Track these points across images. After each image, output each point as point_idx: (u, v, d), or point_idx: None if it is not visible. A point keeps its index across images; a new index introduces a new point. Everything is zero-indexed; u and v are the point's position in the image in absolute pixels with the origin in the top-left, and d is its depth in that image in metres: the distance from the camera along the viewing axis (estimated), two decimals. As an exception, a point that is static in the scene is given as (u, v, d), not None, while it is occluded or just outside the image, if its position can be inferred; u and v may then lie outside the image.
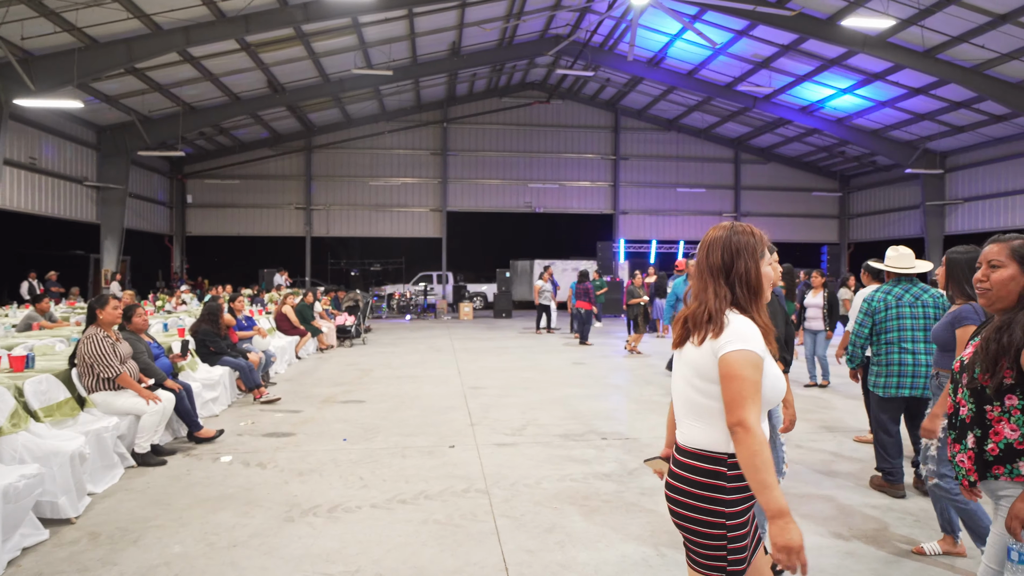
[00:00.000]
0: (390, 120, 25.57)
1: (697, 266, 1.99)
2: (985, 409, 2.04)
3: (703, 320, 1.88)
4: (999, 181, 21.57)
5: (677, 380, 1.98)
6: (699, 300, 1.93)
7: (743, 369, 1.78)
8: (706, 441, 1.86)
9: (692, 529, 1.85)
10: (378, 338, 14.49)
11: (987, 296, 2.13)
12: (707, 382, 1.85)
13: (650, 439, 5.68)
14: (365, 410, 6.96)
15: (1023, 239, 2.14)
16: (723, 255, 1.91)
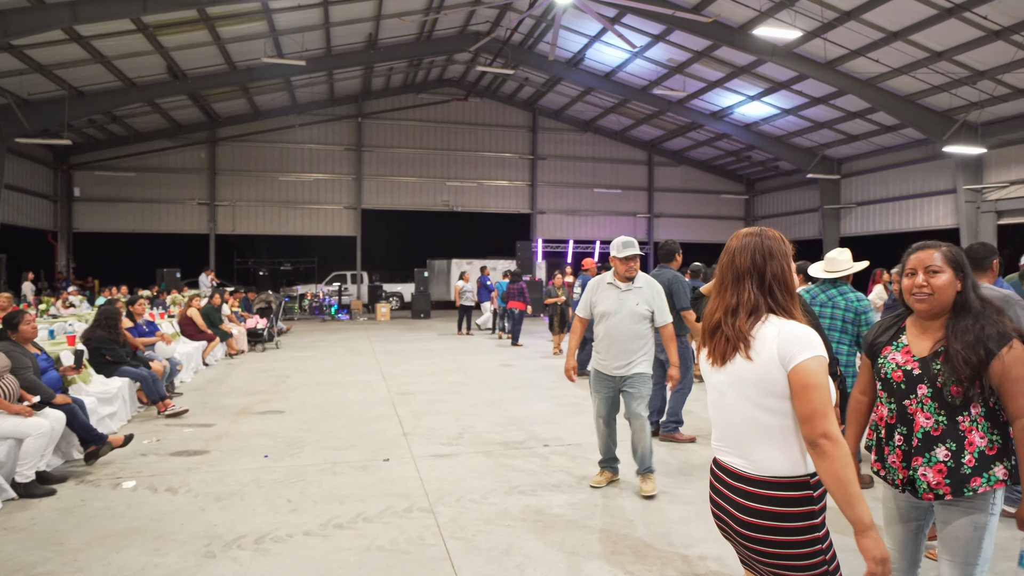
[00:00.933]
0: (302, 113, 24.47)
1: (722, 273, 1.81)
2: (957, 420, 2.03)
3: (745, 332, 1.67)
4: (888, 187, 23.16)
5: (731, 401, 1.78)
6: (729, 309, 1.76)
7: (819, 376, 1.63)
8: (786, 466, 1.68)
9: (788, 565, 1.68)
10: (292, 341, 13.72)
11: (929, 302, 2.10)
12: (778, 399, 1.67)
13: (593, 445, 5.50)
14: (286, 421, 6.43)
15: (949, 245, 2.17)
16: (755, 257, 1.76)
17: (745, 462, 1.74)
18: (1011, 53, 15.49)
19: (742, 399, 1.74)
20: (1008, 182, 19.08)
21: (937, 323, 2.11)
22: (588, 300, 4.47)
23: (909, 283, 2.13)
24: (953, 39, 15.68)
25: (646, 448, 4.37)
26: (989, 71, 16.52)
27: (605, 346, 4.32)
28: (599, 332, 4.35)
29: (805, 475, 1.68)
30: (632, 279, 4.28)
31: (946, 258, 2.10)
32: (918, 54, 16.58)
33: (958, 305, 2.08)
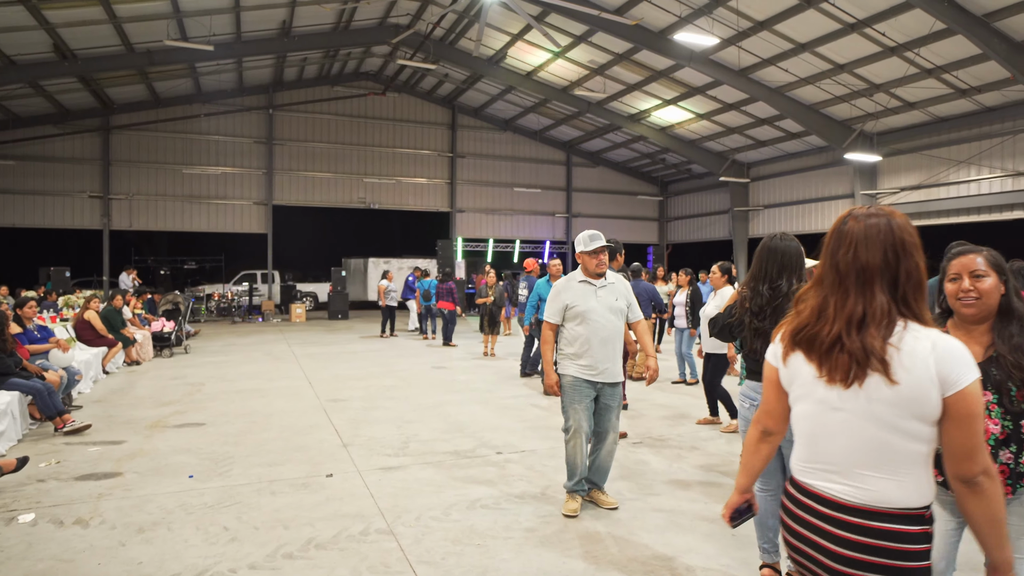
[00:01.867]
0: (207, 103, 22.98)
1: (836, 269, 1.54)
2: (1021, 424, 2.05)
3: (879, 350, 1.45)
4: (792, 191, 24.40)
5: (848, 421, 1.52)
6: (853, 320, 1.49)
7: (981, 404, 1.43)
8: (904, 497, 1.45)
9: None
10: (203, 345, 12.75)
11: (977, 306, 2.05)
12: (923, 423, 1.44)
13: (547, 451, 5.31)
14: (208, 435, 5.84)
15: (988, 249, 2.14)
16: (887, 253, 1.50)
17: (851, 489, 1.50)
18: (904, 68, 16.60)
19: (869, 420, 1.49)
20: (899, 188, 20.51)
21: (982, 328, 2.05)
22: (559, 303, 4.06)
23: (954, 288, 2.05)
24: (854, 53, 16.64)
25: (610, 465, 4.19)
26: (885, 84, 17.66)
27: (586, 350, 3.97)
28: (576, 334, 4.00)
29: (920, 508, 1.48)
30: (603, 274, 4.06)
31: (988, 261, 2.06)
32: (823, 65, 17.49)
33: (1003, 309, 2.04)
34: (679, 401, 7.44)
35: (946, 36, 14.88)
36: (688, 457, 5.21)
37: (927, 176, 19.63)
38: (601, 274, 4.05)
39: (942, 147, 19.17)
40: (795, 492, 1.62)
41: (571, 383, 4.04)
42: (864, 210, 1.58)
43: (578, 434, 4.00)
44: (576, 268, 5.87)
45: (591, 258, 4.03)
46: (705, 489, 4.44)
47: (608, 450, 4.11)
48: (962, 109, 18.08)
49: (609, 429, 4.08)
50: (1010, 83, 16.09)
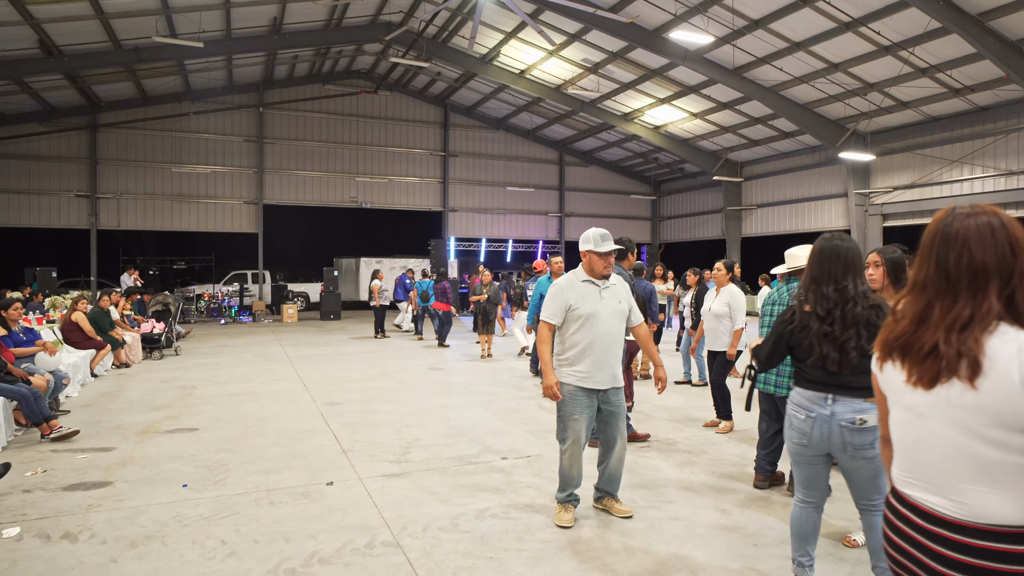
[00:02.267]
0: (196, 100, 22.68)
1: (941, 269, 1.43)
2: None
3: (976, 352, 1.31)
4: (785, 190, 24.40)
5: (936, 429, 1.42)
6: (957, 323, 1.38)
7: None
8: (1010, 514, 1.32)
9: None
10: (193, 347, 12.51)
11: None
12: (1009, 432, 1.32)
13: (553, 457, 5.14)
14: (202, 441, 5.64)
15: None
16: (1003, 252, 1.38)
17: (950, 503, 1.39)
18: (898, 68, 16.60)
19: (956, 428, 1.38)
20: (892, 187, 20.53)
21: None
22: (561, 302, 3.81)
23: None
24: (849, 52, 16.62)
25: (621, 472, 4.02)
26: (878, 83, 17.65)
27: (589, 355, 3.74)
28: (578, 339, 3.76)
29: None
30: (608, 276, 3.89)
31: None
32: (817, 64, 17.46)
33: None
34: (684, 403, 7.32)
35: (940, 35, 14.87)
36: (698, 461, 5.07)
37: (920, 175, 19.65)
38: (607, 276, 3.87)
39: (935, 146, 19.20)
40: (896, 503, 1.52)
41: (570, 393, 3.82)
42: (967, 209, 1.45)
43: (576, 445, 3.83)
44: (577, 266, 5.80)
45: (600, 259, 3.81)
46: (720, 496, 4.31)
47: (618, 457, 3.94)
48: (955, 108, 18.10)
49: (617, 436, 3.90)
50: (1003, 83, 16.11)
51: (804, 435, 2.74)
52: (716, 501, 4.20)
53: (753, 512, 3.99)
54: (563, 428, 3.84)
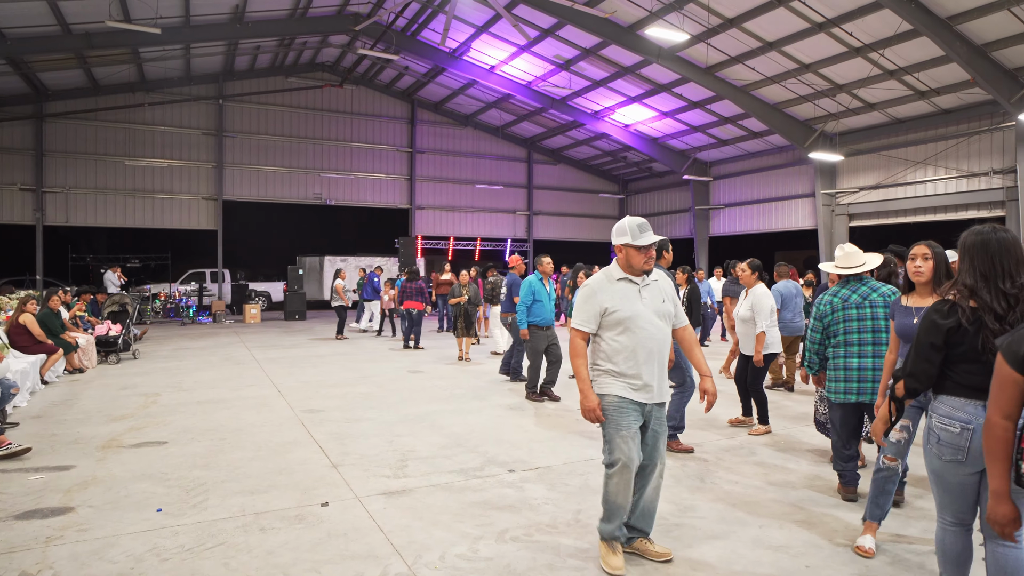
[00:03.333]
0: (152, 91, 21.64)
1: None
2: None
3: None
4: (753, 190, 24.58)
5: None
6: None
7: None
8: None
9: None
10: (152, 350, 11.77)
11: None
12: None
13: (563, 468, 4.81)
14: (173, 456, 5.11)
15: None
16: None
17: None
18: (867, 69, 16.79)
19: None
20: (858, 188, 20.82)
21: None
22: (594, 306, 3.27)
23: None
24: (820, 53, 16.74)
25: (657, 505, 3.47)
26: (847, 85, 17.84)
27: (633, 364, 3.23)
28: (619, 346, 3.24)
29: None
30: (649, 271, 3.41)
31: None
32: (789, 65, 17.56)
33: None
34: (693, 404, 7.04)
35: (910, 38, 15.07)
36: (742, 468, 4.79)
37: (885, 176, 19.96)
38: (648, 271, 3.38)
39: (900, 148, 19.53)
40: None
41: (616, 405, 3.24)
42: None
43: (627, 469, 3.21)
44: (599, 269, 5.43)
45: (640, 253, 3.26)
46: (785, 514, 4.01)
47: (655, 486, 3.40)
48: (919, 111, 18.43)
49: (658, 460, 3.37)
50: (967, 86, 16.42)
51: (959, 450, 2.42)
52: (778, 520, 3.90)
53: (871, 534, 3.59)
54: (611, 449, 3.25)
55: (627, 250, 3.31)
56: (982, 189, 17.83)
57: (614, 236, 3.39)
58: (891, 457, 3.45)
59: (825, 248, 21.24)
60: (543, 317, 7.53)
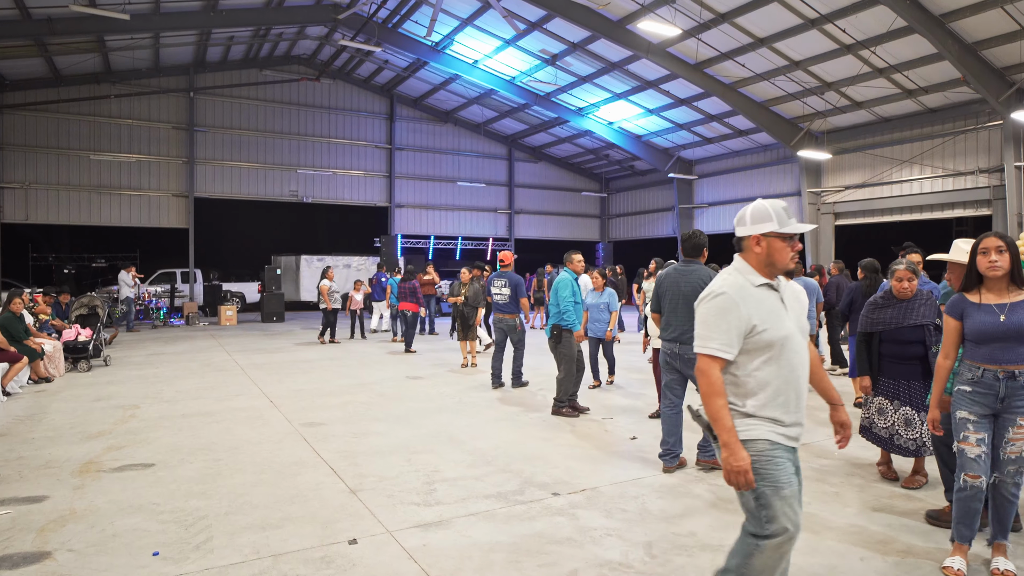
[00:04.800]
0: (118, 82, 20.60)
1: None
2: None
3: None
4: (737, 189, 24.44)
5: None
6: None
7: None
8: None
9: None
10: (124, 355, 10.96)
11: None
12: None
13: (613, 490, 4.30)
14: (163, 482, 4.48)
15: None
16: None
17: None
18: (857, 67, 16.67)
19: None
20: (843, 187, 20.77)
21: None
22: (739, 323, 2.39)
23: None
24: (811, 50, 16.57)
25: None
26: (836, 83, 17.72)
27: (785, 403, 2.42)
28: (767, 377, 2.41)
29: None
30: (791, 271, 2.74)
31: None
32: (779, 62, 17.36)
33: None
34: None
35: (901, 36, 14.96)
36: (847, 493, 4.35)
37: (871, 175, 19.93)
38: (791, 271, 2.67)
39: (885, 146, 19.50)
40: None
41: (769, 455, 2.39)
42: None
43: (792, 540, 2.40)
44: (683, 262, 4.77)
45: (787, 247, 2.45)
46: (874, 541, 3.55)
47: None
48: (906, 110, 18.40)
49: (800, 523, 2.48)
50: (955, 85, 16.41)
51: None
52: (906, 550, 3.44)
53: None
54: (769, 513, 2.37)
55: (770, 242, 2.43)
56: (968, 188, 17.85)
57: (750, 222, 2.48)
58: (973, 474, 3.14)
59: (811, 247, 21.16)
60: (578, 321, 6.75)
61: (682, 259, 4.88)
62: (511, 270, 8.35)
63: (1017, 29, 14.08)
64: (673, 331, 4.75)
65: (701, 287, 4.55)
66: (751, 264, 2.49)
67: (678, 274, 4.77)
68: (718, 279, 2.53)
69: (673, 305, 4.76)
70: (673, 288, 4.76)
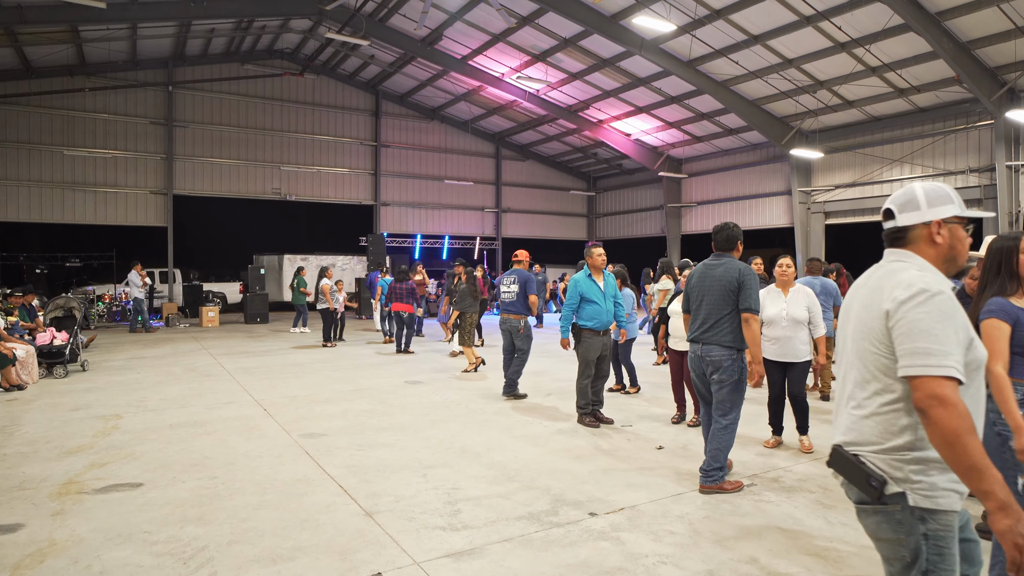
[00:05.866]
0: (94, 75, 19.87)
1: None
2: None
3: None
4: (726, 188, 24.31)
5: None
6: None
7: None
8: None
9: None
10: (102, 360, 10.39)
11: None
12: None
13: (650, 505, 3.95)
14: (153, 504, 4.03)
15: None
16: None
17: None
18: (850, 65, 16.56)
19: None
20: (834, 185, 20.69)
21: None
22: (965, 334, 1.80)
23: None
24: (805, 47, 16.44)
25: None
26: (828, 81, 17.61)
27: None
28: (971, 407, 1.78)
29: None
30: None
31: None
32: (772, 59, 17.20)
33: None
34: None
35: (896, 34, 14.86)
36: (838, 505, 4.02)
37: (861, 174, 19.87)
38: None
39: (876, 146, 19.46)
40: None
41: (952, 525, 1.79)
42: None
43: None
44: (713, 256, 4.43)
45: (966, 236, 1.97)
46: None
47: None
48: (896, 109, 18.36)
49: None
50: (947, 84, 16.38)
51: None
52: None
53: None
54: None
55: (952, 229, 1.93)
56: (958, 187, 17.81)
57: (925, 204, 1.94)
58: None
59: (801, 246, 21.07)
60: (598, 319, 6.10)
61: (713, 253, 4.53)
62: (524, 268, 7.90)
63: (1011, 28, 14.04)
64: (695, 331, 4.41)
65: (730, 282, 4.20)
66: (931, 259, 1.93)
67: (706, 269, 4.43)
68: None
69: (698, 303, 4.42)
70: (699, 284, 4.43)
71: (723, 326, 4.22)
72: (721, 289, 4.26)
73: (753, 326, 4.15)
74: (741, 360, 4.25)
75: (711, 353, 4.26)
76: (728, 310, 4.21)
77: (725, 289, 4.23)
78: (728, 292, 4.21)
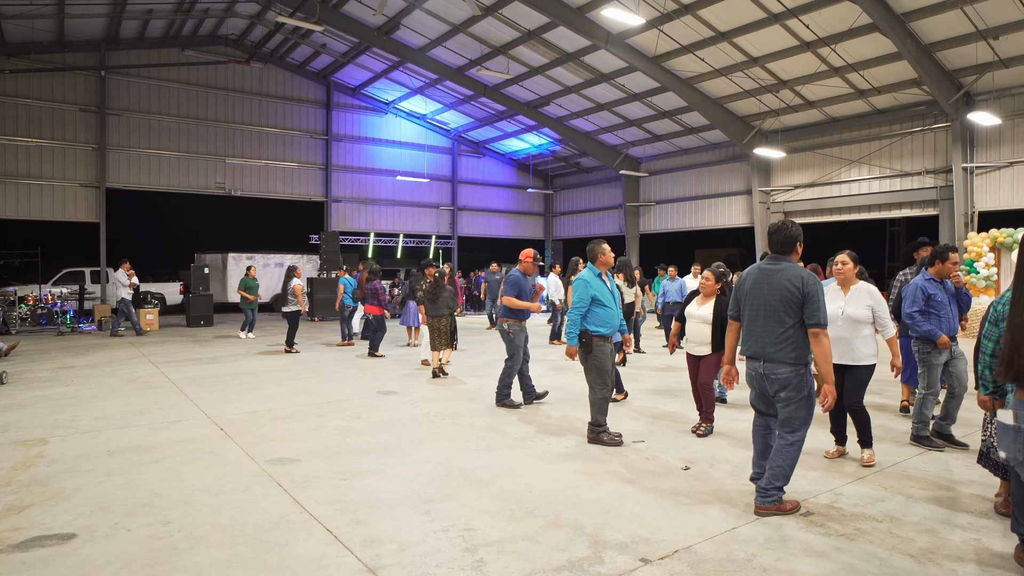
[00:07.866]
0: (15, 56, 18.17)
1: None
2: None
3: None
4: (685, 187, 24.23)
5: None
6: None
7: None
8: None
9: None
10: (25, 369, 9.20)
11: None
12: None
13: (705, 544, 3.36)
14: (90, 564, 3.18)
15: None
16: None
17: None
18: (814, 65, 16.56)
19: None
20: (793, 186, 20.79)
21: None
22: None
23: None
24: (771, 46, 16.35)
25: None
26: (791, 81, 17.60)
27: None
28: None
29: None
30: None
31: None
32: (737, 57, 17.08)
33: None
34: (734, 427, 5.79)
35: (861, 34, 14.90)
36: (917, 539, 3.51)
37: (820, 175, 20.01)
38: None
39: (834, 146, 19.62)
40: None
41: None
42: None
43: None
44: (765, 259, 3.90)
45: None
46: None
47: None
48: (856, 110, 18.53)
49: None
50: (905, 86, 16.56)
51: None
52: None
53: None
54: None
55: None
56: (915, 188, 18.09)
57: None
58: None
59: (760, 245, 21.09)
60: (611, 325, 5.44)
61: (768, 256, 3.98)
62: (528, 271, 7.22)
63: (972, 31, 14.19)
64: (753, 346, 3.86)
65: (791, 292, 3.67)
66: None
67: (761, 274, 3.87)
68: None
69: (754, 314, 3.85)
70: (755, 292, 3.86)
71: (787, 342, 3.69)
72: (781, 299, 3.72)
73: (824, 342, 3.62)
74: (808, 373, 3.73)
75: (776, 371, 3.72)
76: (791, 322, 3.68)
77: (786, 300, 3.68)
78: (789, 303, 3.67)
